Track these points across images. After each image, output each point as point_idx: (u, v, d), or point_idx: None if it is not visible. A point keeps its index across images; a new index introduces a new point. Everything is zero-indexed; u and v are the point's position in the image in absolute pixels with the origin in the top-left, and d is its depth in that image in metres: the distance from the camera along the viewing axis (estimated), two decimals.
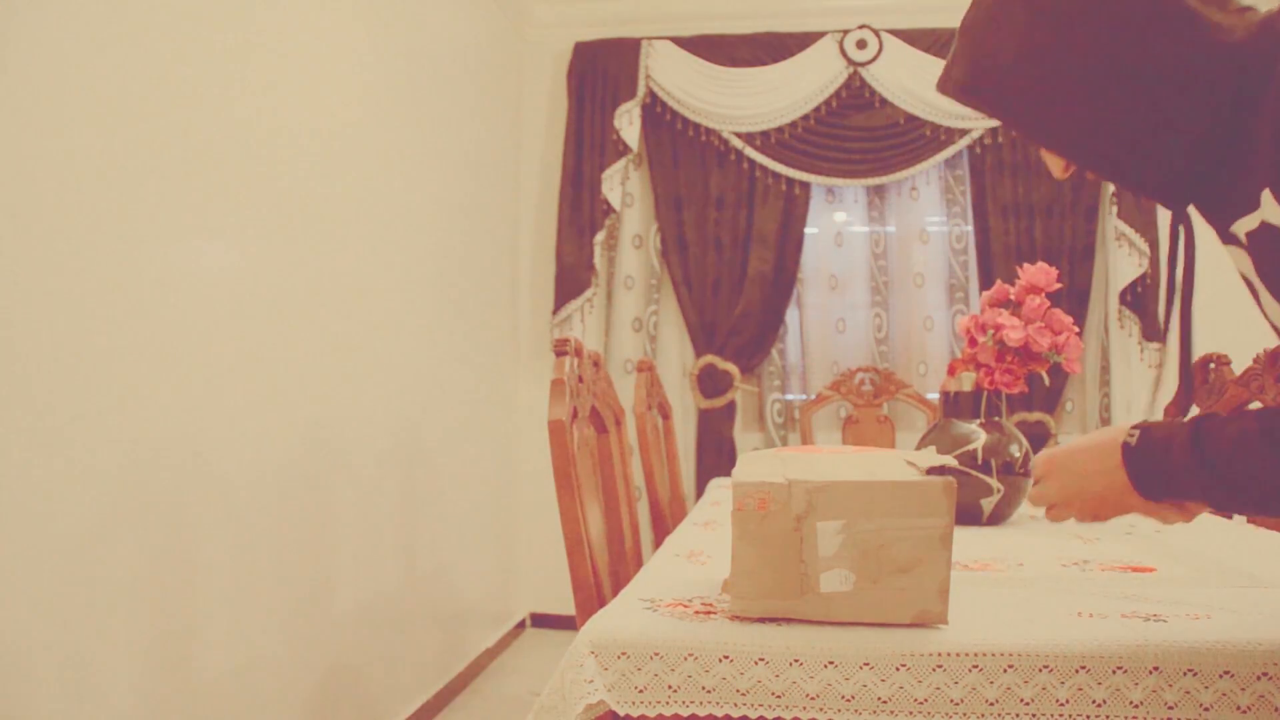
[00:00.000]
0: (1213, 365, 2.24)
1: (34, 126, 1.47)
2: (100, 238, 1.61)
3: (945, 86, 1.02)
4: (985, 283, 3.67)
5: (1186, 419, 0.96)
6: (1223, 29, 0.87)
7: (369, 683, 2.58)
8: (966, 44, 0.99)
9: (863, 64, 3.72)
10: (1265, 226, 0.85)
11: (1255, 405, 2.05)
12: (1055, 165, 1.02)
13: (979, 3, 0.99)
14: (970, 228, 3.81)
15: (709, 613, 1.13)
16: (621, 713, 1.04)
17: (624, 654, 1.05)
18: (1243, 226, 0.89)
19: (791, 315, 3.93)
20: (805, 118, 3.77)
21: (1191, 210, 0.98)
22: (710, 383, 3.85)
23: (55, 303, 1.51)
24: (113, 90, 1.63)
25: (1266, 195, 0.83)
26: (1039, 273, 1.93)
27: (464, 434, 3.35)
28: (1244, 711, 0.97)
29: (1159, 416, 2.60)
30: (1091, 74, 0.90)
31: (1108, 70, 0.90)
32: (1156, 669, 0.98)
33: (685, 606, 1.16)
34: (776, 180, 3.81)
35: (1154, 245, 3.60)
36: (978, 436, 1.87)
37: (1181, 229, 0.98)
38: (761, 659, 1.02)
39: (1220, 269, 1.48)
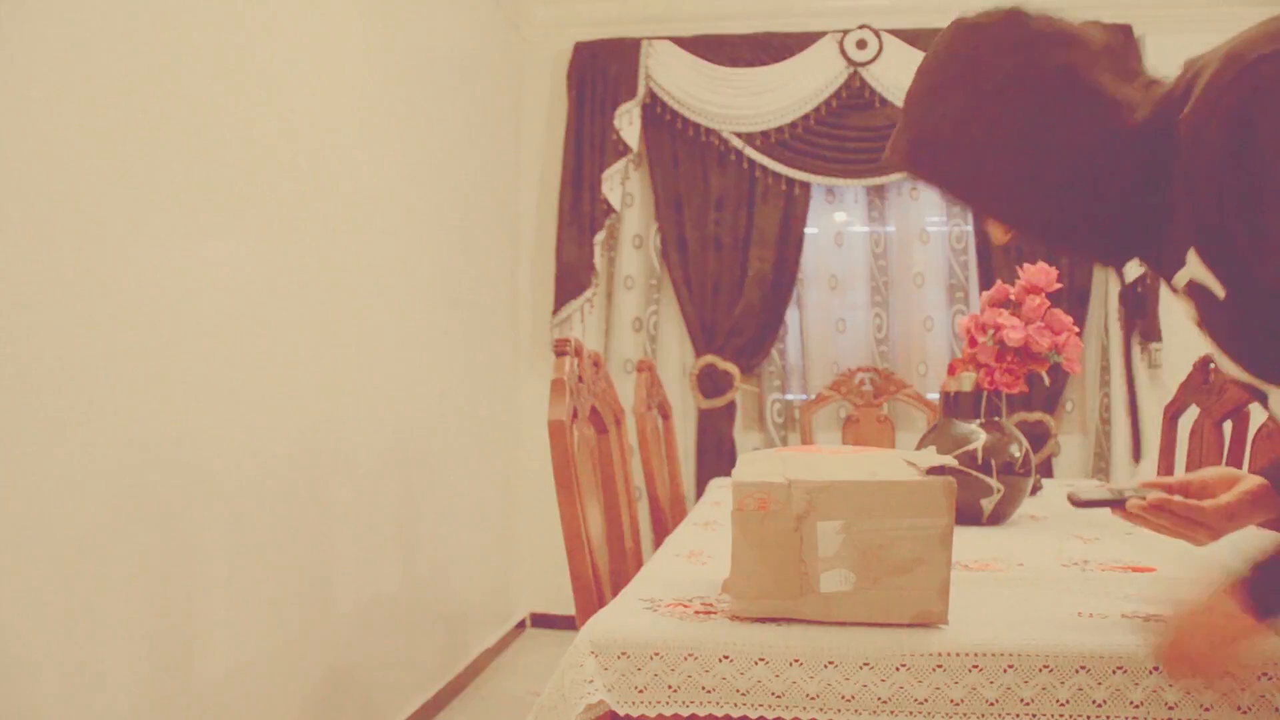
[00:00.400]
0: (1213, 365, 2.24)
1: (34, 127, 1.47)
2: (100, 239, 1.61)
3: (891, 159, 1.06)
4: (985, 283, 3.67)
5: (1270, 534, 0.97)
6: (1129, 108, 0.93)
7: (369, 683, 2.58)
8: (910, 119, 1.04)
9: (863, 64, 3.72)
10: (1193, 284, 0.91)
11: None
12: (996, 231, 1.06)
13: (918, 79, 1.04)
14: (970, 228, 3.81)
15: (709, 613, 1.13)
16: (621, 713, 1.04)
17: (624, 654, 1.05)
18: (1180, 280, 0.95)
19: (791, 315, 3.92)
20: (805, 118, 3.77)
21: None
22: (710, 383, 3.85)
23: (55, 302, 1.51)
24: (113, 91, 1.63)
25: (1191, 254, 0.89)
26: (1039, 273, 1.93)
27: (464, 434, 3.35)
28: (1244, 712, 0.97)
29: (1157, 416, 2.59)
30: (1021, 152, 0.96)
31: (1034, 149, 0.96)
32: (1157, 669, 0.98)
33: (685, 606, 1.16)
34: (776, 180, 3.81)
35: None
36: (978, 436, 1.87)
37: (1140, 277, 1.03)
38: (761, 659, 1.02)
39: None
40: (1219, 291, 0.87)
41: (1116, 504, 1.11)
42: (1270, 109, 0.79)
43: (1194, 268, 0.89)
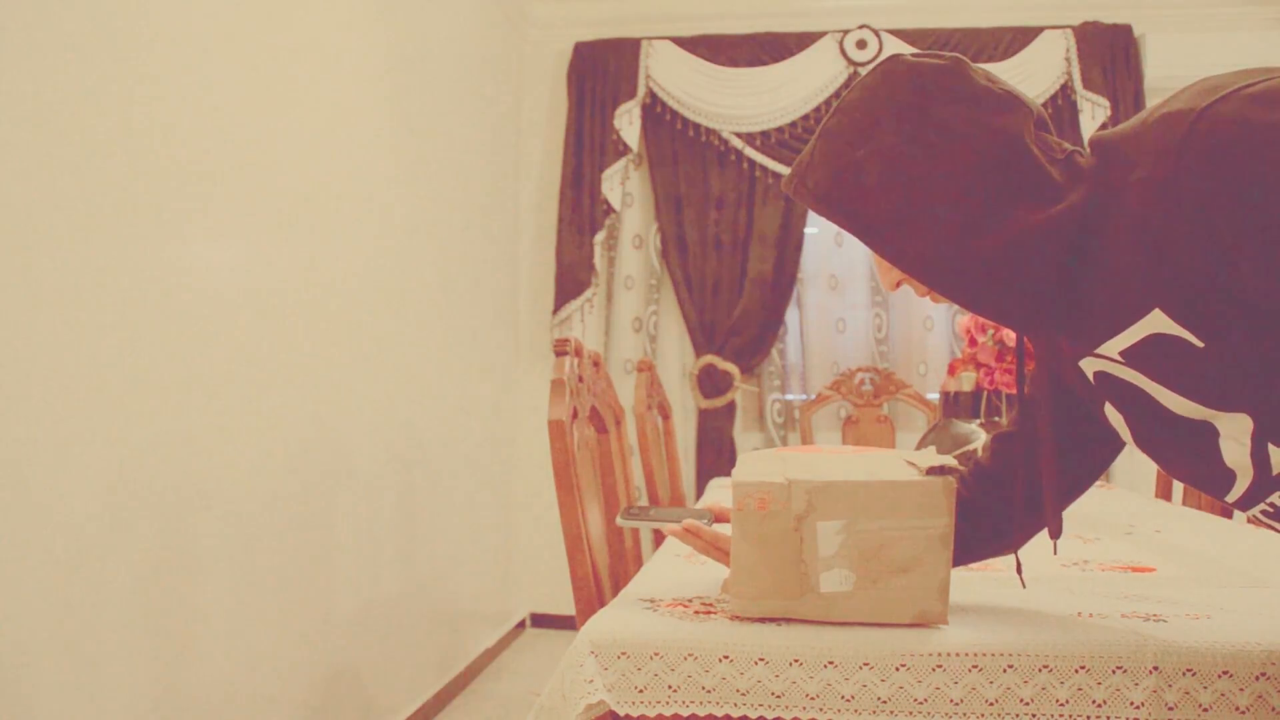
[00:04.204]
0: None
1: (34, 126, 1.47)
2: (100, 239, 1.61)
3: (800, 192, 1.00)
4: None
5: None
6: (1057, 184, 0.91)
7: (369, 683, 2.58)
8: (827, 153, 0.97)
9: (863, 64, 3.72)
10: (1154, 337, 0.88)
11: None
12: (887, 279, 1.03)
13: (844, 113, 0.98)
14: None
15: (709, 613, 1.13)
16: (621, 713, 1.04)
17: (624, 654, 1.05)
18: (1114, 346, 0.92)
19: (791, 315, 3.93)
20: (805, 118, 3.77)
21: None
22: (710, 383, 3.85)
23: (56, 303, 1.51)
24: (113, 90, 1.63)
25: (1155, 315, 0.87)
26: None
27: (464, 434, 3.35)
28: (1243, 712, 0.97)
29: None
30: (953, 211, 0.92)
31: (967, 209, 0.91)
32: (1156, 669, 0.98)
33: (685, 606, 1.16)
34: (776, 180, 3.81)
35: None
36: (978, 436, 1.87)
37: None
38: (761, 659, 1.02)
39: None
40: (1197, 342, 0.86)
41: (659, 525, 1.25)
42: (1241, 143, 0.79)
43: (1157, 326, 0.87)
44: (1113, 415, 1.00)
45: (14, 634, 1.43)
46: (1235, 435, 0.89)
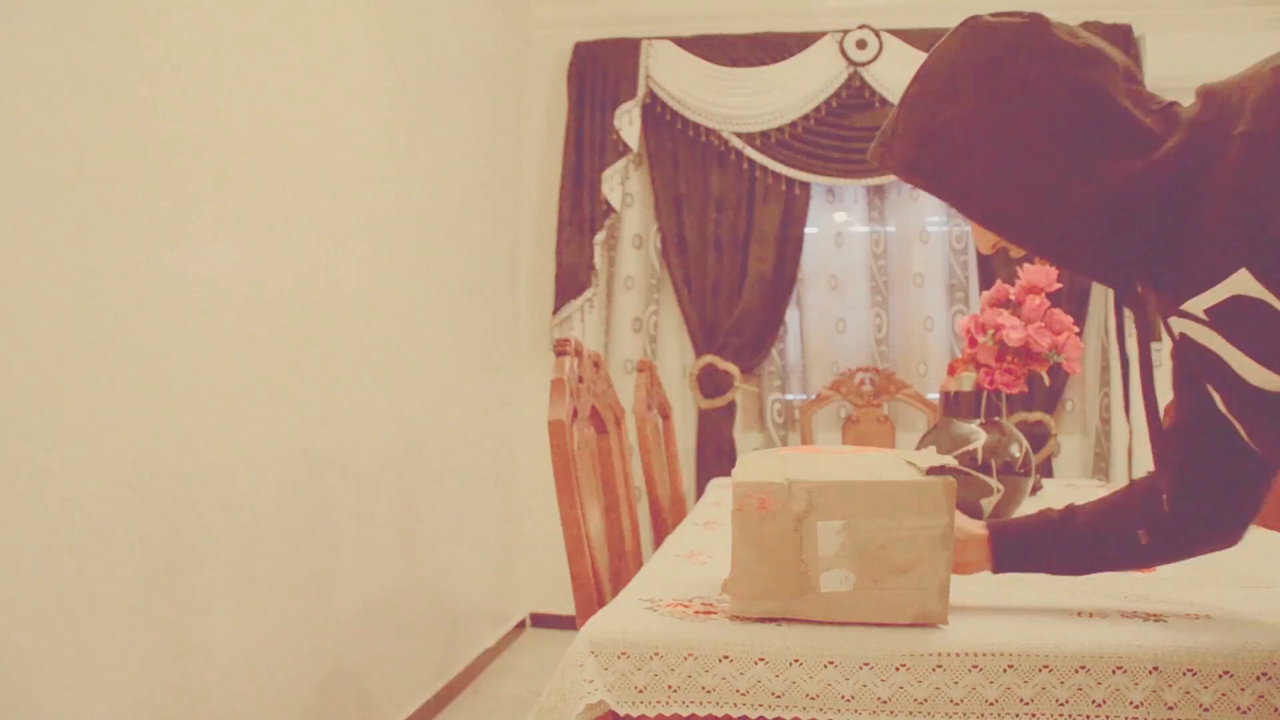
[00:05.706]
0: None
1: (33, 126, 1.47)
2: (100, 241, 1.61)
3: (886, 162, 0.99)
4: (985, 283, 3.67)
5: None
6: (1152, 134, 0.90)
7: (369, 683, 2.58)
8: (911, 121, 0.97)
9: (863, 64, 3.72)
10: (1237, 299, 0.87)
11: None
12: (984, 243, 1.02)
13: (924, 79, 0.97)
14: (970, 228, 3.80)
15: (709, 613, 1.13)
16: (621, 713, 1.04)
17: (624, 654, 1.05)
18: (1200, 304, 0.90)
19: (791, 315, 3.92)
20: (805, 118, 3.77)
21: None
22: (710, 383, 3.85)
23: (56, 305, 1.51)
24: (112, 90, 1.63)
25: (1243, 274, 0.85)
26: (1039, 273, 1.93)
27: (464, 434, 3.35)
28: (1243, 712, 0.97)
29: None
30: (1043, 169, 0.91)
31: (1059, 168, 0.90)
32: (1156, 669, 0.98)
33: (685, 606, 1.16)
34: (776, 180, 3.81)
35: None
36: (978, 436, 1.87)
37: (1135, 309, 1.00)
38: (761, 659, 1.02)
39: None
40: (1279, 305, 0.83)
41: None
42: None
43: (1242, 286, 0.85)
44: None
45: (14, 634, 1.43)
46: None
